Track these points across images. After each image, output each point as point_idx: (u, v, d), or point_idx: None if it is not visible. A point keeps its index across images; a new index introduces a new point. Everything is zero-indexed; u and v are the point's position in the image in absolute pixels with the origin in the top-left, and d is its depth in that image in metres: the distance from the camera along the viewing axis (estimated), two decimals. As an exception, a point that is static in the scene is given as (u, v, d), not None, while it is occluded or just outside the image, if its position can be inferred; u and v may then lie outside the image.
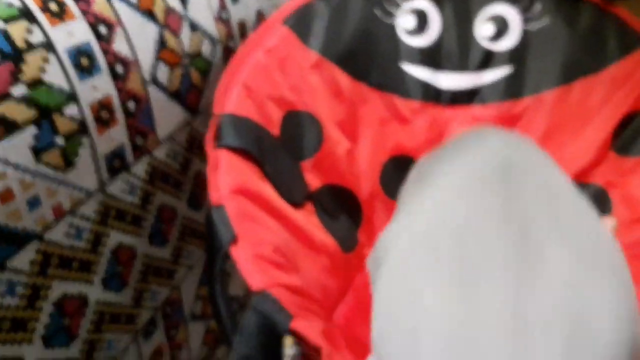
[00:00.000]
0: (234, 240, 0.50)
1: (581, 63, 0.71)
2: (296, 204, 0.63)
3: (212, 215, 0.53)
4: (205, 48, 0.67)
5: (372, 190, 0.73)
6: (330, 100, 0.71)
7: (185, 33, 0.63)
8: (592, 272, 0.33)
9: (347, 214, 0.71)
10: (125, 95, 0.53)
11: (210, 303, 0.52)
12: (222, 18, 0.71)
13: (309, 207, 0.66)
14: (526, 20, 0.74)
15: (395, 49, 0.75)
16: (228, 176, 0.56)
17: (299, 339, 0.44)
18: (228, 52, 0.72)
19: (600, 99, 0.69)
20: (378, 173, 0.74)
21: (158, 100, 0.58)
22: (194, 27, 0.64)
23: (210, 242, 0.53)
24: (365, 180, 0.73)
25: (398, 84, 0.74)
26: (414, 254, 0.36)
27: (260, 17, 0.81)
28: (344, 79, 0.73)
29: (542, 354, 0.30)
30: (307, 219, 0.63)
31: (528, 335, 0.30)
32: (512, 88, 0.73)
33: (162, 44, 0.58)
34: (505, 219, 0.36)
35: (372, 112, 0.74)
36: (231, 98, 0.62)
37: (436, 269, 0.34)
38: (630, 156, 0.67)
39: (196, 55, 0.65)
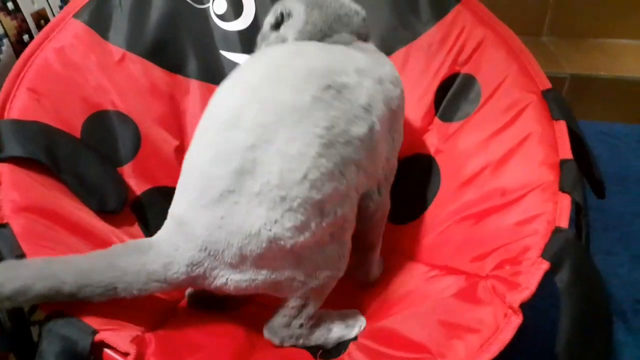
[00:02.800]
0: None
1: (397, 33, 0.63)
2: (112, 212, 0.50)
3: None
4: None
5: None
6: (145, 97, 0.59)
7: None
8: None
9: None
10: None
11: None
12: (7, 9, 0.55)
13: (130, 216, 0.52)
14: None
15: (211, 36, 0.64)
16: (14, 192, 0.45)
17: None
18: (23, 48, 0.55)
19: (421, 67, 0.62)
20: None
21: None
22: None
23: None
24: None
25: (220, 73, 0.63)
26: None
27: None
28: (157, 72, 0.60)
29: None
30: (121, 229, 0.49)
31: None
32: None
33: None
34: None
35: (196, 103, 0.60)
36: (15, 104, 0.50)
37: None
38: (453, 122, 0.59)
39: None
